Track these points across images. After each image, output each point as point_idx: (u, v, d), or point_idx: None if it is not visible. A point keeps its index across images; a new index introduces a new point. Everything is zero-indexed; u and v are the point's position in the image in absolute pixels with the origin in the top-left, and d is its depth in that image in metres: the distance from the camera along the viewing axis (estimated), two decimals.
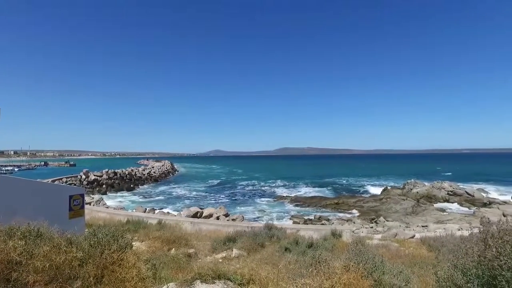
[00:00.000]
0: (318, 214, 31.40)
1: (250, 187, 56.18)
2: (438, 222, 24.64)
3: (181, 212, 27.90)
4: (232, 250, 8.54)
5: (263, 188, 54.31)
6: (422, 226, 22.66)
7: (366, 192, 47.67)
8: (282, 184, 60.80)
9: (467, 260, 3.19)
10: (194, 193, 49.14)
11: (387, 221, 25.97)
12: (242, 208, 36.04)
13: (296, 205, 37.52)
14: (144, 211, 27.37)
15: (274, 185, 59.57)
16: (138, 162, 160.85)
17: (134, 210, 27.55)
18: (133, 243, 8.02)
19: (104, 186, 49.45)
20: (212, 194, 47.75)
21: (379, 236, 16.92)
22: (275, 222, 22.93)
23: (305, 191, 49.42)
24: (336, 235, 12.84)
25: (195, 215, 26.07)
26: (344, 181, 64.80)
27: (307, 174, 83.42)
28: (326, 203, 37.05)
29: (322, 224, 25.14)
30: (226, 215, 27.17)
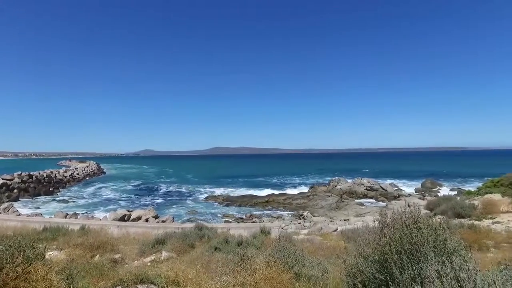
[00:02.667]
0: (249, 212, 32.09)
1: (181, 188, 55.02)
2: (358, 215, 26.91)
3: (107, 216, 26.34)
4: (161, 253, 8.36)
5: (194, 188, 53.62)
6: (344, 220, 24.51)
7: (295, 189, 49.84)
8: (214, 183, 60.67)
9: (368, 247, 3.64)
10: (122, 195, 46.60)
11: (314, 216, 27.56)
12: (173, 209, 35.25)
13: (228, 204, 37.84)
14: (65, 217, 25.22)
15: (206, 185, 59.15)
16: (58, 163, 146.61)
17: (53, 216, 25.15)
18: (50, 253, 7.40)
19: (16, 190, 43.90)
20: (141, 196, 45.80)
21: (306, 231, 17.89)
22: (206, 222, 22.93)
23: (237, 190, 49.98)
24: (265, 232, 13.25)
25: (122, 218, 24.80)
26: (274, 180, 66.94)
27: (239, 173, 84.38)
28: (257, 201, 37.97)
29: (253, 222, 25.74)
30: (156, 217, 26.33)
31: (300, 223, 23.96)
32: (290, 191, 47.36)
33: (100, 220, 24.92)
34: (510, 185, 14.75)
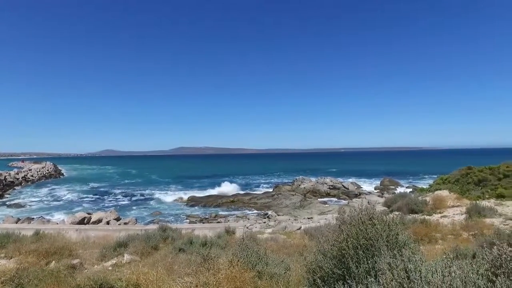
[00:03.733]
0: (215, 212, 31.95)
1: (145, 188, 53.50)
2: (321, 214, 27.68)
3: (65, 220, 25.10)
4: (124, 256, 8.12)
5: (159, 189, 52.39)
6: (308, 218, 25.13)
7: (260, 189, 50.24)
8: (179, 183, 59.71)
9: (327, 244, 3.80)
10: (82, 197, 44.47)
11: (278, 215, 27.98)
12: (136, 210, 34.27)
13: (193, 205, 37.45)
14: (16, 222, 23.70)
15: (170, 185, 58.06)
16: (10, 164, 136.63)
17: (1, 222, 23.50)
18: None
19: None
20: (103, 198, 44.00)
21: (270, 230, 18.15)
22: (171, 223, 22.52)
23: (202, 190, 49.47)
24: (230, 232, 13.33)
25: (81, 222, 23.75)
26: (239, 180, 67.04)
27: (204, 173, 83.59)
28: (222, 201, 37.88)
29: (218, 222, 25.69)
30: (118, 219, 25.48)
31: (265, 222, 24.23)
32: (255, 190, 47.69)
33: (57, 224, 23.68)
34: (456, 182, 15.91)
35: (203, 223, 26.02)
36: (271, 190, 46.36)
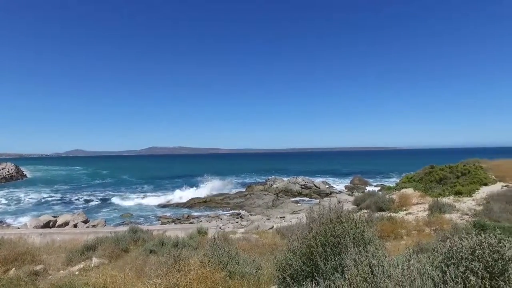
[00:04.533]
0: (187, 213, 31.62)
1: (116, 189, 51.95)
2: (293, 213, 28.10)
3: (28, 223, 23.89)
4: (92, 260, 7.90)
5: (130, 190, 51.08)
6: (280, 217, 25.45)
7: (233, 188, 50.14)
8: (151, 184, 58.48)
9: (297, 242, 3.92)
10: (47, 199, 42.34)
11: (251, 215, 28.12)
12: (106, 212, 33.24)
13: (165, 206, 36.83)
14: None
15: (142, 185, 56.76)
16: None
17: None
18: None
19: None
20: (70, 200, 42.10)
21: (243, 229, 18.24)
22: (142, 225, 22.06)
23: (175, 190, 48.71)
24: (202, 232, 13.26)
25: (46, 225, 22.75)
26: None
27: (177, 173, 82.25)
28: (195, 202, 37.52)
29: (190, 223, 25.47)
30: (86, 222, 24.63)
31: (237, 222, 24.30)
32: (227, 190, 47.56)
33: (19, 228, 22.52)
34: (420, 180, 16.74)
35: (175, 224, 25.69)
36: (244, 190, 46.44)
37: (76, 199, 42.32)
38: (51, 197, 44.26)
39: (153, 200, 40.25)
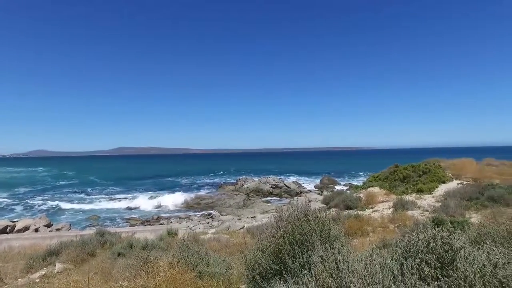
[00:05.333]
0: (156, 214, 31.00)
1: (82, 191, 49.91)
2: (264, 212, 28.31)
3: None
4: (55, 265, 7.58)
5: (97, 191, 49.34)
6: (251, 217, 25.55)
7: (203, 189, 49.75)
8: (119, 185, 56.67)
9: (266, 241, 3.99)
10: (6, 202, 39.88)
11: (222, 215, 28.04)
12: (71, 215, 31.87)
13: (133, 208, 35.85)
14: None
15: (110, 187, 54.84)
16: None
17: None
18: None
19: None
20: (31, 203, 39.70)
21: (214, 230, 18.17)
22: (110, 227, 21.35)
23: (144, 192, 47.59)
24: (172, 233, 13.12)
25: (3, 231, 21.48)
26: (182, 180, 65.70)
27: (146, 174, 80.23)
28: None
29: (160, 224, 24.98)
30: (49, 225, 23.48)
31: (208, 223, 24.16)
32: (198, 191, 47.16)
33: None
34: (385, 179, 17.46)
35: (145, 225, 25.09)
36: (215, 190, 46.21)
37: (39, 202, 40.14)
38: (9, 200, 41.69)
39: (121, 202, 39.07)
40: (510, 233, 3.41)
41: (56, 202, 39.67)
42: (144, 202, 37.71)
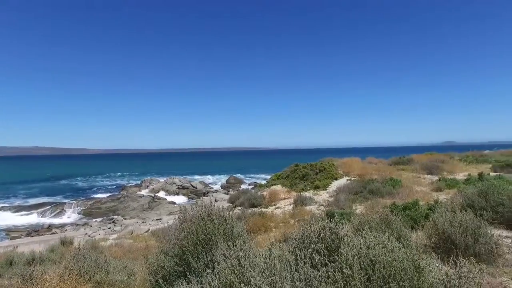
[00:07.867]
0: (48, 222, 27.43)
1: None
2: (170, 214, 27.56)
3: None
4: None
5: None
6: (157, 220, 24.65)
7: (104, 192, 45.95)
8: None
9: (169, 243, 3.93)
10: None
11: (125, 219, 26.36)
12: None
13: (16, 215, 31.03)
14: None
15: None
16: None
17: None
18: None
19: None
20: None
21: (116, 235, 17.01)
22: None
23: (29, 198, 41.50)
24: (66, 243, 11.89)
25: None
26: (79, 183, 59.61)
27: (34, 178, 69.69)
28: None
29: (53, 233, 22.20)
30: None
31: (110, 228, 22.58)
32: (98, 194, 43.35)
33: None
34: (287, 177, 18.73)
35: (32, 236, 21.93)
36: (117, 193, 43.04)
37: None
38: None
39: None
40: (382, 219, 4.15)
41: None
42: (28, 211, 32.88)
